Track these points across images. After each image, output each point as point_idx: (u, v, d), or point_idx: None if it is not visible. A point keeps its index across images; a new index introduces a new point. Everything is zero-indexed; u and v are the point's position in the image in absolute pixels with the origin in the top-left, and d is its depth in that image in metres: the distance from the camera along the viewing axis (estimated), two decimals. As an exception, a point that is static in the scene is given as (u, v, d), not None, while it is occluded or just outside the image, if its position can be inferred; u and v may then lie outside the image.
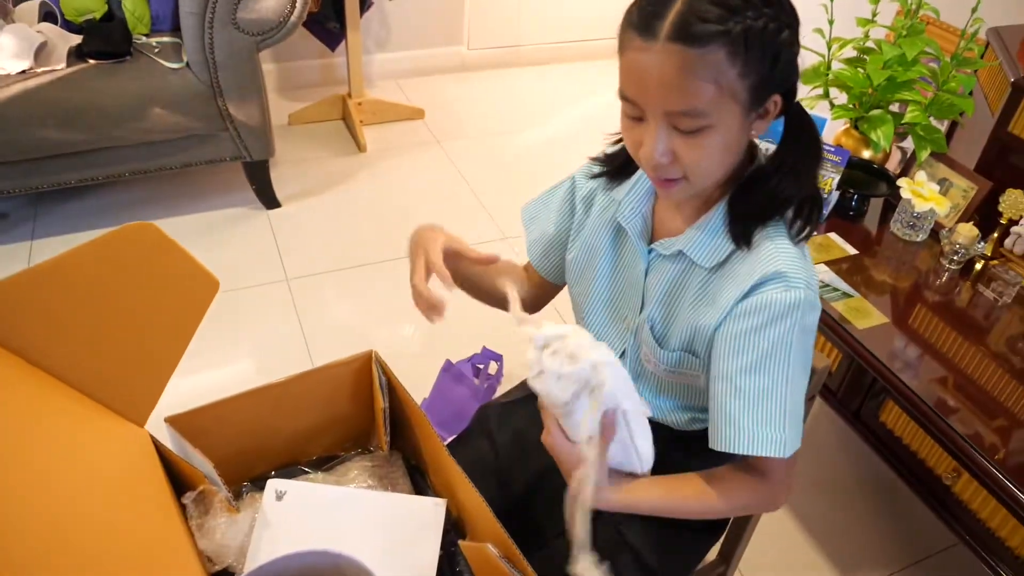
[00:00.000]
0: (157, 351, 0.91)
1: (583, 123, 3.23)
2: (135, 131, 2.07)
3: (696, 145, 0.77)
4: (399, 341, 2.07)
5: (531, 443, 1.08)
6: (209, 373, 1.89)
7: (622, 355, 0.99)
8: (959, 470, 1.24)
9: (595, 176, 1.00)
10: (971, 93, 1.73)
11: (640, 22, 0.74)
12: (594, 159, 1.01)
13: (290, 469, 1.02)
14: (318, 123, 3.02)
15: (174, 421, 0.93)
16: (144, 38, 2.18)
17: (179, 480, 0.92)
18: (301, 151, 2.83)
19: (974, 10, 1.57)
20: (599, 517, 0.98)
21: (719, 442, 0.86)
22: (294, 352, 1.98)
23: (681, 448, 1.04)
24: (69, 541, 0.70)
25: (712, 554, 1.27)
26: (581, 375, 0.71)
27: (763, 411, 0.83)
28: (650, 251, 0.93)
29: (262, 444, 1.01)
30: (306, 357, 1.97)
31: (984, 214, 1.61)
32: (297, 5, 2.05)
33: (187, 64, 2.10)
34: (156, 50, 2.13)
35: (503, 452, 1.09)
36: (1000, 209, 1.56)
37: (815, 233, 0.86)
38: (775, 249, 0.83)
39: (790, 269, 0.82)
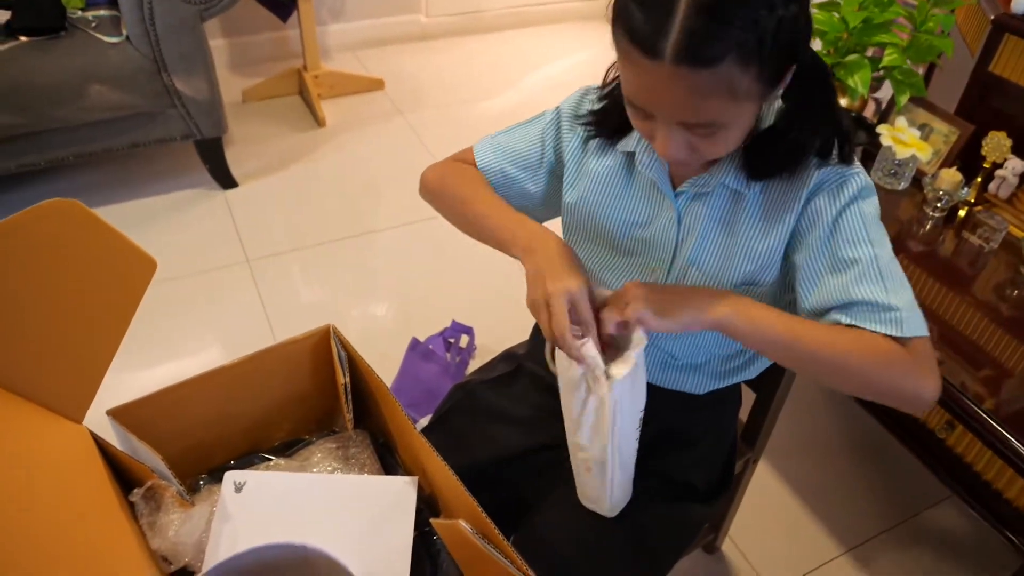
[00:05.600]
0: (91, 341, 0.82)
1: (550, 88, 3.14)
2: (75, 111, 1.95)
3: (712, 142, 0.73)
4: (368, 320, 1.99)
5: (513, 422, 1.02)
6: (169, 364, 1.80)
7: None
8: (953, 423, 1.20)
9: (591, 136, 0.92)
10: (949, 33, 1.67)
11: (640, 39, 0.65)
12: (583, 122, 0.92)
13: (250, 458, 0.94)
14: (274, 99, 2.90)
15: (117, 414, 0.84)
16: (80, 12, 2.05)
17: (127, 478, 0.84)
18: (257, 128, 2.71)
19: (950, -55, 1.51)
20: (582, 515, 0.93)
21: None
22: (258, 336, 1.89)
23: (698, 415, 0.99)
24: (5, 551, 0.62)
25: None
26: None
27: (862, 297, 0.76)
28: (678, 195, 0.86)
29: (218, 433, 0.93)
30: (270, 338, 1.88)
31: (966, 159, 1.57)
32: (241, -31, 1.93)
33: (127, 37, 1.97)
34: (93, 24, 2.00)
35: (482, 431, 1.03)
36: (983, 153, 1.52)
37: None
38: (815, 159, 0.80)
39: (836, 167, 0.79)
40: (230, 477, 0.84)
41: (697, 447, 1.00)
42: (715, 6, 0.62)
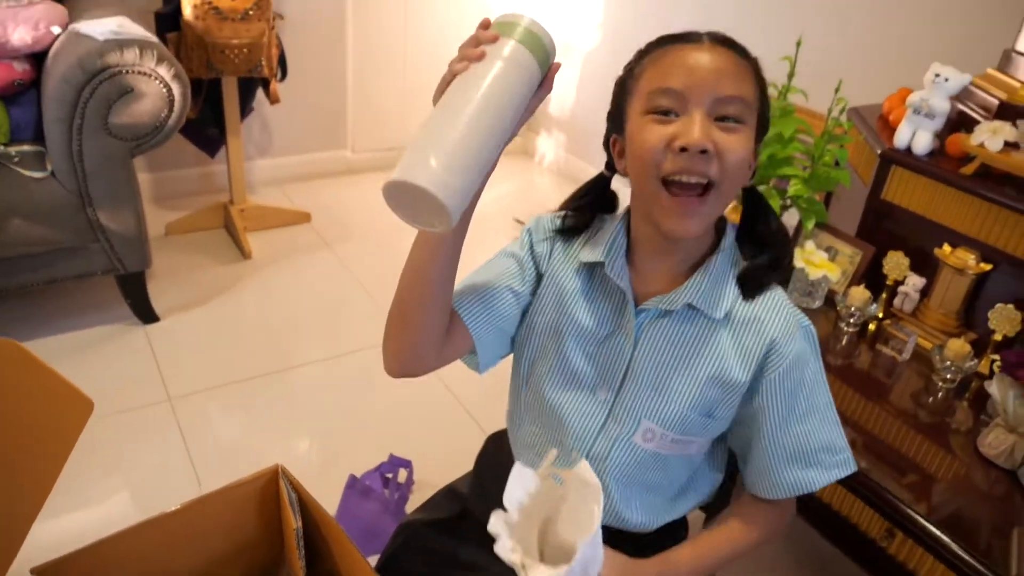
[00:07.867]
0: (17, 492, 0.76)
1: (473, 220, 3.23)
2: (-9, 247, 1.88)
3: (733, 139, 0.78)
4: (302, 458, 1.91)
5: (467, 568, 0.98)
6: (80, 514, 1.66)
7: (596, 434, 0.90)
8: (892, 531, 1.23)
9: (561, 230, 0.94)
10: (841, 165, 1.84)
11: (679, 36, 0.81)
12: (560, 214, 0.95)
13: (187, 616, 0.87)
14: (198, 232, 2.88)
15: (42, 573, 0.77)
16: (2, 147, 2.02)
17: (48, 647, 0.77)
18: (180, 261, 2.67)
19: (837, 90, 1.69)
20: None
21: (779, 490, 0.89)
22: (181, 479, 1.79)
23: (649, 545, 0.97)
24: None
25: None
26: None
27: (823, 442, 0.89)
28: (639, 311, 0.85)
29: (152, 590, 0.87)
30: (194, 483, 1.78)
31: (871, 277, 1.69)
32: (175, 108, 1.96)
33: (52, 173, 1.95)
34: (15, 159, 1.97)
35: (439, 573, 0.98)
36: (885, 272, 1.64)
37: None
38: (772, 291, 0.88)
39: (792, 309, 0.88)
40: (168, 639, 0.78)
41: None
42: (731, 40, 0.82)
